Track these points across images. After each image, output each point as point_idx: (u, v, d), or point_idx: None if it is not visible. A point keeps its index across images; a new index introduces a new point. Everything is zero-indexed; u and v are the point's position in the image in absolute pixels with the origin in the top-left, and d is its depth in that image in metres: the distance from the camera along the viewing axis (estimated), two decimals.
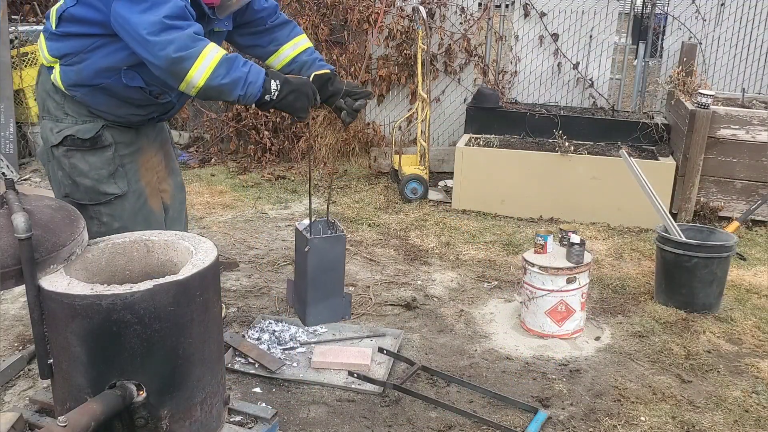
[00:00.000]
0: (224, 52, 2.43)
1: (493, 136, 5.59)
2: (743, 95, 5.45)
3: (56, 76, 2.61)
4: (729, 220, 4.79)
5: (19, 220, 1.90)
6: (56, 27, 2.58)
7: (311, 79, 2.75)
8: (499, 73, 6.28)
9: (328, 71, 2.82)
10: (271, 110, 2.47)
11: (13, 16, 6.73)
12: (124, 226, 2.73)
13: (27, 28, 6.42)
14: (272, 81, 2.48)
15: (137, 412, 2.02)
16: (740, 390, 3.00)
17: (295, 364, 3.10)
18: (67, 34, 2.56)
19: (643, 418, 2.78)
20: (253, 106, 2.56)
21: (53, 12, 2.61)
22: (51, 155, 2.70)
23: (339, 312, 2.96)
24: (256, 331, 3.33)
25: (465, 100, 6.25)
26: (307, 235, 2.80)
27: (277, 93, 2.49)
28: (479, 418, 2.72)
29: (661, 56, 6.43)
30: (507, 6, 6.15)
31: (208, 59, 2.37)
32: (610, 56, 6.20)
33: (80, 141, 2.65)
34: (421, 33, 5.52)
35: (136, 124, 2.80)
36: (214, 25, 2.69)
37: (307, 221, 2.90)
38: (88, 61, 2.57)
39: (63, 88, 2.62)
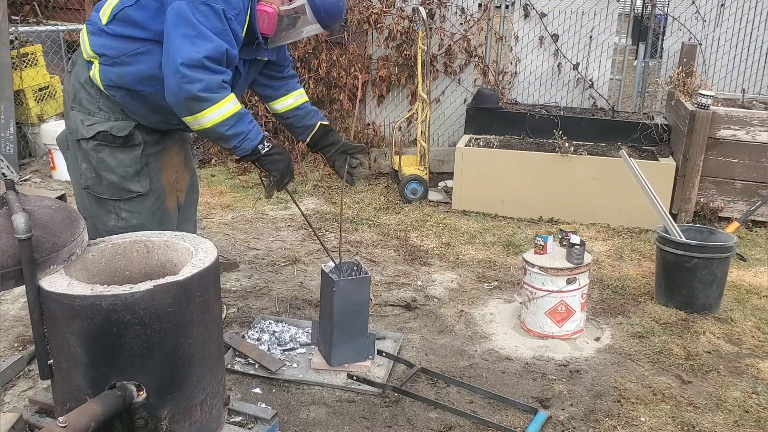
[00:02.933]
0: (240, 106, 2.55)
1: (493, 136, 5.59)
2: (743, 96, 5.45)
3: (95, 72, 2.64)
4: (729, 220, 4.79)
5: (19, 220, 1.89)
6: (107, 24, 2.59)
7: (317, 126, 3.08)
8: (499, 74, 6.28)
9: (328, 123, 3.12)
10: (260, 158, 2.71)
11: (13, 17, 6.73)
12: (141, 223, 2.79)
13: (27, 28, 6.42)
14: (266, 141, 2.69)
15: (137, 412, 2.02)
16: (740, 390, 3.00)
17: (295, 364, 3.10)
18: (117, 34, 2.58)
19: (643, 419, 2.78)
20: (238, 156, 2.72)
21: (108, 8, 2.60)
22: (77, 146, 2.73)
23: (363, 352, 3.05)
24: (256, 332, 3.33)
25: (465, 100, 6.25)
26: (334, 277, 2.91)
27: (266, 150, 2.68)
28: (479, 419, 2.72)
29: (661, 57, 6.43)
30: (507, 6, 6.15)
31: (224, 108, 2.52)
32: (610, 57, 6.20)
33: (112, 137, 2.70)
34: (421, 33, 5.52)
35: (163, 130, 2.85)
36: (261, 54, 2.80)
37: (332, 263, 3.03)
38: (131, 66, 2.59)
39: (101, 86, 2.64)
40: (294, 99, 3.13)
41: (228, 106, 2.52)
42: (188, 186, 3.12)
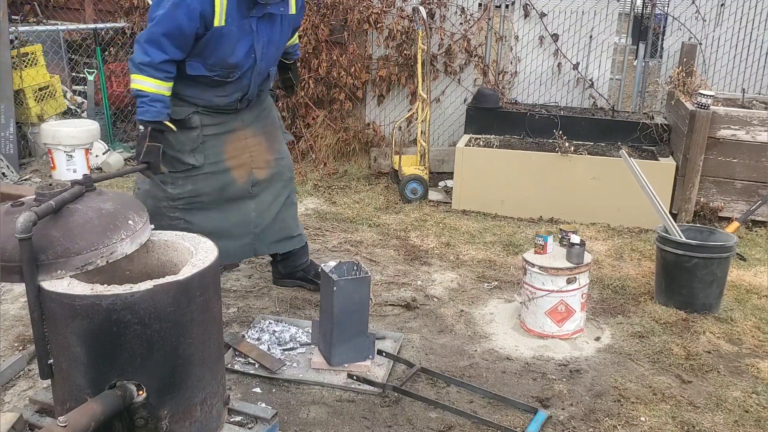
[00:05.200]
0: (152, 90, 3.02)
1: (493, 136, 5.59)
2: (743, 96, 5.44)
3: None
4: (729, 220, 4.79)
5: (20, 220, 1.90)
6: None
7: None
8: (499, 74, 6.27)
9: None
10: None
11: (13, 17, 6.73)
12: (195, 188, 3.33)
13: (27, 28, 6.42)
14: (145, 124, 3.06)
15: (137, 412, 2.03)
16: (740, 390, 3.00)
17: (295, 364, 3.10)
18: None
19: (643, 419, 2.78)
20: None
21: None
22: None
23: (363, 352, 3.05)
24: (256, 332, 3.33)
25: (465, 100, 6.24)
26: (334, 277, 2.93)
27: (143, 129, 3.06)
28: (479, 419, 2.72)
29: (661, 56, 6.42)
30: (507, 6, 6.15)
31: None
32: (610, 56, 6.20)
33: (173, 121, 3.12)
34: (421, 33, 5.52)
35: (224, 106, 3.30)
36: (268, 10, 3.13)
37: (332, 262, 3.07)
38: None
39: None
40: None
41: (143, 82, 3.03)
42: (272, 166, 3.55)
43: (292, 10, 3.31)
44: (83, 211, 2.06)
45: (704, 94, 4.89)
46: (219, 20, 3.02)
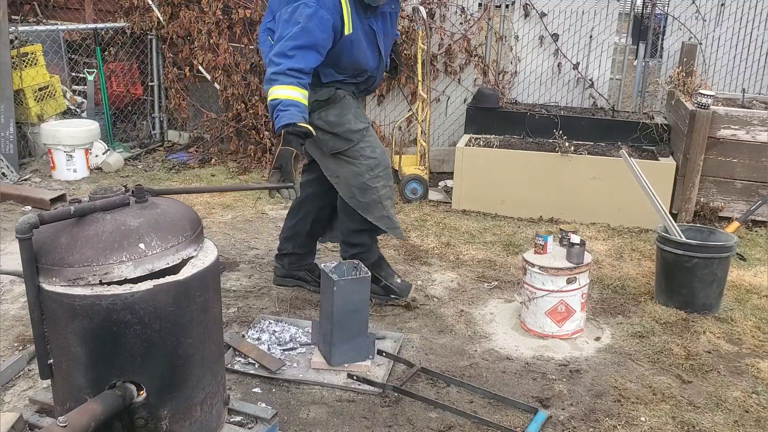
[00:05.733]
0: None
1: (493, 136, 5.59)
2: (743, 95, 5.44)
3: None
4: (729, 220, 4.79)
5: (21, 220, 1.91)
6: None
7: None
8: (499, 74, 6.27)
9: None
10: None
11: (13, 16, 6.74)
12: (381, 149, 3.46)
13: (27, 28, 6.42)
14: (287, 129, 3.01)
15: (137, 412, 2.02)
16: (740, 390, 3.00)
17: (295, 364, 3.10)
18: None
19: (643, 419, 2.78)
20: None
21: None
22: (310, 123, 3.21)
23: (363, 352, 3.05)
24: (256, 332, 3.33)
25: (465, 100, 6.24)
26: (334, 277, 2.93)
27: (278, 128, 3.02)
28: (479, 419, 2.72)
29: (661, 56, 6.42)
30: (507, 6, 6.15)
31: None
32: (610, 56, 6.20)
33: (323, 102, 3.30)
34: (421, 33, 5.52)
35: (356, 95, 3.46)
36: (382, 9, 3.28)
37: (332, 262, 3.07)
38: None
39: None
40: None
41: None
42: None
43: (397, 8, 3.47)
44: (103, 223, 1.98)
45: (704, 94, 4.89)
46: (348, 28, 3.13)
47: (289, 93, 2.99)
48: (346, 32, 3.13)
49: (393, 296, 3.66)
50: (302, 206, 3.74)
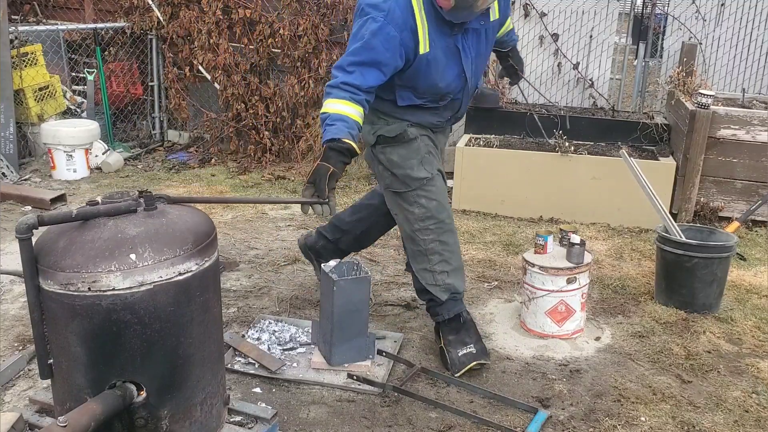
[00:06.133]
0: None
1: (493, 136, 5.59)
2: (743, 95, 5.44)
3: None
4: (729, 220, 4.79)
5: (21, 220, 1.92)
6: None
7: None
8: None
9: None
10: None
11: (13, 16, 6.74)
12: (439, 201, 3.12)
13: (27, 27, 6.42)
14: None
15: (137, 412, 2.03)
16: (740, 390, 3.00)
17: (295, 364, 3.10)
18: None
19: (643, 419, 2.78)
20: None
21: None
22: (372, 155, 3.16)
23: (363, 352, 3.05)
24: (256, 331, 3.33)
25: None
26: (334, 276, 2.93)
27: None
28: (479, 419, 2.72)
29: (661, 56, 6.42)
30: None
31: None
32: (610, 56, 6.20)
33: (390, 139, 3.06)
34: None
35: (435, 126, 3.16)
36: (469, 26, 2.92)
37: (332, 262, 3.07)
38: None
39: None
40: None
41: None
42: None
43: (495, 15, 3.03)
44: (103, 230, 1.97)
45: (704, 94, 4.89)
46: (424, 47, 2.82)
47: (339, 107, 2.75)
48: (422, 51, 2.81)
49: (447, 370, 3.13)
50: (365, 209, 3.59)
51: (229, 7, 6.33)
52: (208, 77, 6.55)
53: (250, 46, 6.38)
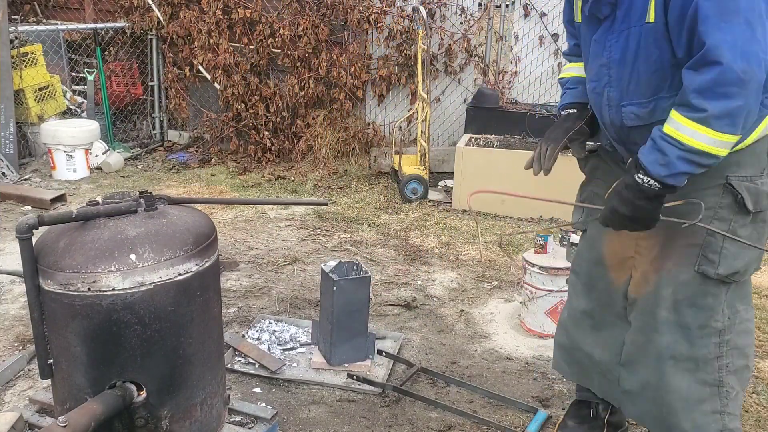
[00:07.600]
0: None
1: (493, 136, 5.59)
2: None
3: None
4: None
5: (21, 220, 1.91)
6: None
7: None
8: (499, 74, 6.27)
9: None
10: None
11: (13, 16, 6.74)
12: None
13: (27, 27, 6.43)
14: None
15: (137, 412, 2.02)
16: None
17: (295, 364, 3.10)
18: None
19: None
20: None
21: None
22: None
23: (363, 352, 3.05)
24: (256, 331, 3.33)
25: (465, 100, 6.25)
26: (334, 276, 2.93)
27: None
28: (479, 419, 2.72)
29: None
30: (507, 6, 6.15)
31: None
32: None
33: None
34: (421, 33, 5.52)
35: None
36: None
37: (332, 262, 3.06)
38: None
39: None
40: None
41: None
42: (650, 284, 2.28)
43: (602, 13, 2.09)
44: (103, 230, 1.97)
45: None
46: None
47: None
48: None
49: None
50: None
51: (229, 7, 6.33)
52: (208, 77, 6.55)
53: (250, 46, 6.39)
